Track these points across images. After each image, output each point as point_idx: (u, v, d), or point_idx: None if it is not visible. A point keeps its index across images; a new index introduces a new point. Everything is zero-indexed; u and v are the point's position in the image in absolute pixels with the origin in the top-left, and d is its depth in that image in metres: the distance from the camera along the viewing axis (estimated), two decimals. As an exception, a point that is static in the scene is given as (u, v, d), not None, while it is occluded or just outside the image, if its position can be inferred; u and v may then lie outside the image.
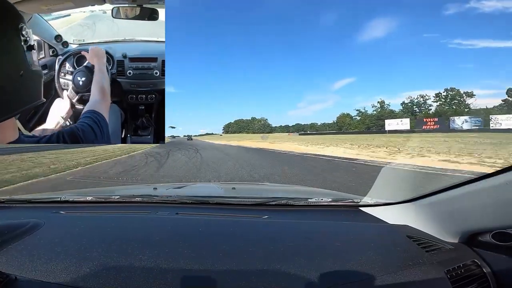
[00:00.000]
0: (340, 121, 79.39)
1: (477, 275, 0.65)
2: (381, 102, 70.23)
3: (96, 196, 1.23)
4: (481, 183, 0.65)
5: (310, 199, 1.09)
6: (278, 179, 5.66)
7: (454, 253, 0.71)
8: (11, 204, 1.18)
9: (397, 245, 0.74)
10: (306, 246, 0.71)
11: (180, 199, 1.12)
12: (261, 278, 0.57)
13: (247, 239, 0.76)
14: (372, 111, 71.10)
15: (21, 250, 0.69)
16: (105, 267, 0.61)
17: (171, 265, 0.61)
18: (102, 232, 0.80)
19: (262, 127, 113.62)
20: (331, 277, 0.58)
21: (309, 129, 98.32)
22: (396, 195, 0.99)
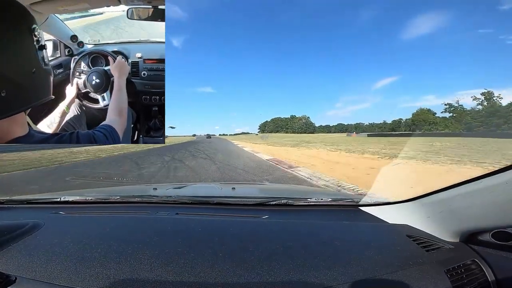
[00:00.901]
0: (419, 119, 60.29)
1: (477, 275, 0.65)
2: (487, 94, 43.18)
3: (95, 196, 1.23)
4: (481, 182, 0.64)
5: (310, 199, 1.09)
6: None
7: (454, 252, 0.71)
8: (10, 204, 1.19)
9: (397, 244, 0.73)
10: (306, 246, 0.71)
11: (180, 199, 1.13)
12: (261, 278, 0.57)
13: (247, 239, 0.75)
14: (476, 105, 45.24)
15: (21, 250, 0.69)
16: (105, 267, 0.61)
17: (171, 265, 0.61)
18: (102, 233, 0.79)
19: (303, 126, 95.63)
20: (331, 276, 0.58)
21: (354, 129, 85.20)
22: (396, 194, 0.99)
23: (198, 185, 2.23)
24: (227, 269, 0.60)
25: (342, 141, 21.98)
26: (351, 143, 18.60)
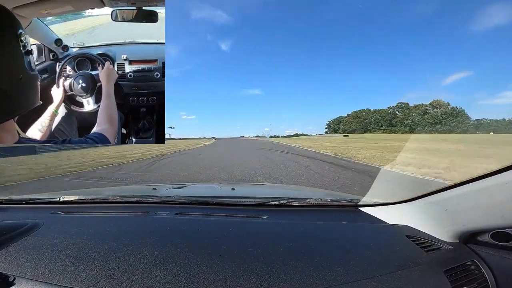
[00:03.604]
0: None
1: (476, 275, 0.65)
2: None
3: (95, 196, 1.22)
4: (480, 182, 0.64)
5: (309, 199, 1.09)
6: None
7: (453, 253, 0.71)
8: (9, 204, 1.18)
9: (396, 245, 0.74)
10: (305, 246, 0.71)
11: (179, 199, 1.12)
12: (260, 278, 0.57)
13: (247, 239, 0.75)
14: None
15: (20, 250, 0.69)
16: (104, 267, 0.60)
17: (171, 265, 0.61)
18: (101, 233, 0.79)
19: (443, 117, 48.04)
20: (331, 277, 0.58)
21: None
22: (395, 195, 0.99)
23: (197, 185, 2.21)
24: (226, 270, 0.60)
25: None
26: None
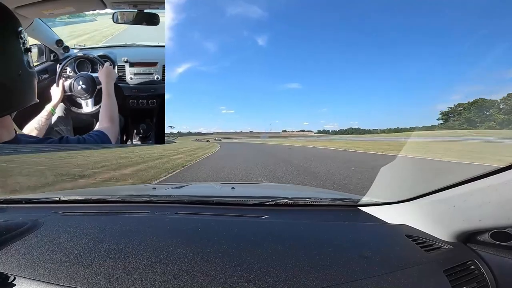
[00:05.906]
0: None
1: (476, 275, 0.65)
2: None
3: (95, 196, 1.22)
4: (480, 182, 0.64)
5: (309, 199, 1.09)
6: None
7: (453, 252, 0.71)
8: (9, 204, 1.18)
9: (396, 244, 0.73)
10: (305, 245, 0.71)
11: (179, 199, 1.12)
12: (260, 278, 0.57)
13: (247, 239, 0.75)
14: None
15: (20, 250, 0.68)
16: (104, 267, 0.61)
17: (170, 265, 0.61)
18: (101, 232, 0.79)
19: None
20: (331, 276, 0.58)
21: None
22: (395, 194, 0.99)
23: (197, 185, 2.21)
24: (226, 269, 0.59)
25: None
26: None
